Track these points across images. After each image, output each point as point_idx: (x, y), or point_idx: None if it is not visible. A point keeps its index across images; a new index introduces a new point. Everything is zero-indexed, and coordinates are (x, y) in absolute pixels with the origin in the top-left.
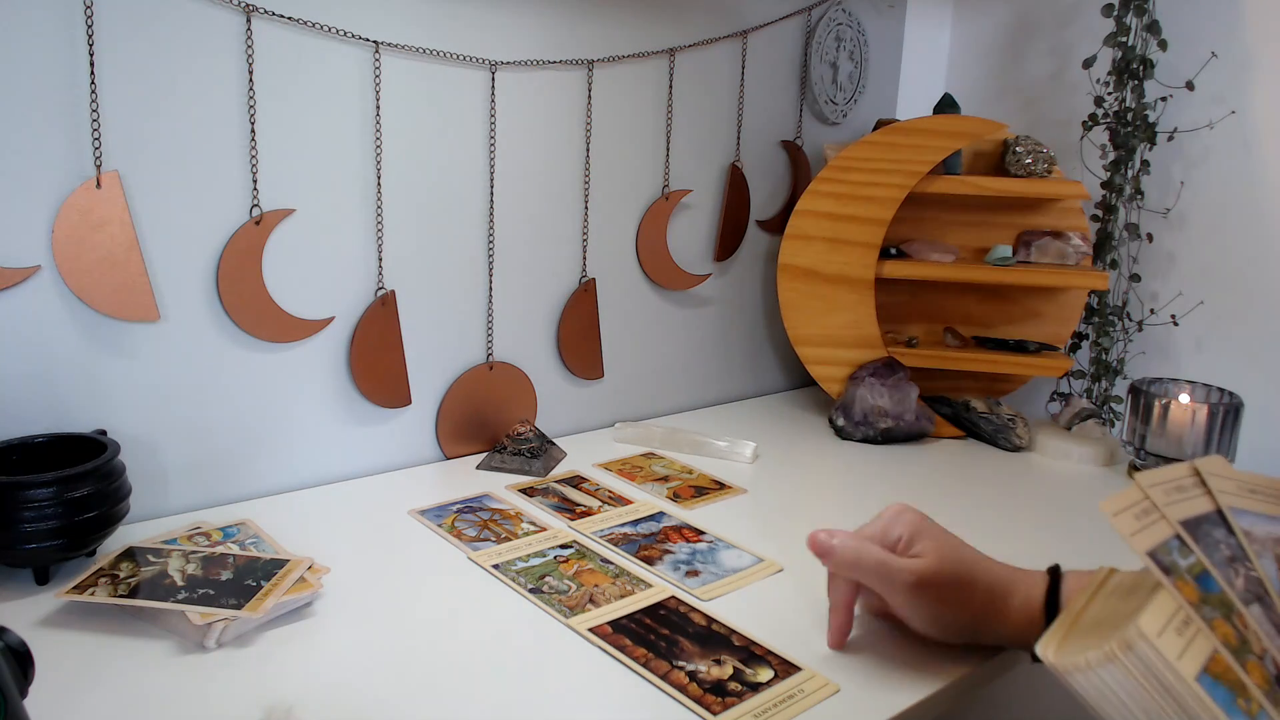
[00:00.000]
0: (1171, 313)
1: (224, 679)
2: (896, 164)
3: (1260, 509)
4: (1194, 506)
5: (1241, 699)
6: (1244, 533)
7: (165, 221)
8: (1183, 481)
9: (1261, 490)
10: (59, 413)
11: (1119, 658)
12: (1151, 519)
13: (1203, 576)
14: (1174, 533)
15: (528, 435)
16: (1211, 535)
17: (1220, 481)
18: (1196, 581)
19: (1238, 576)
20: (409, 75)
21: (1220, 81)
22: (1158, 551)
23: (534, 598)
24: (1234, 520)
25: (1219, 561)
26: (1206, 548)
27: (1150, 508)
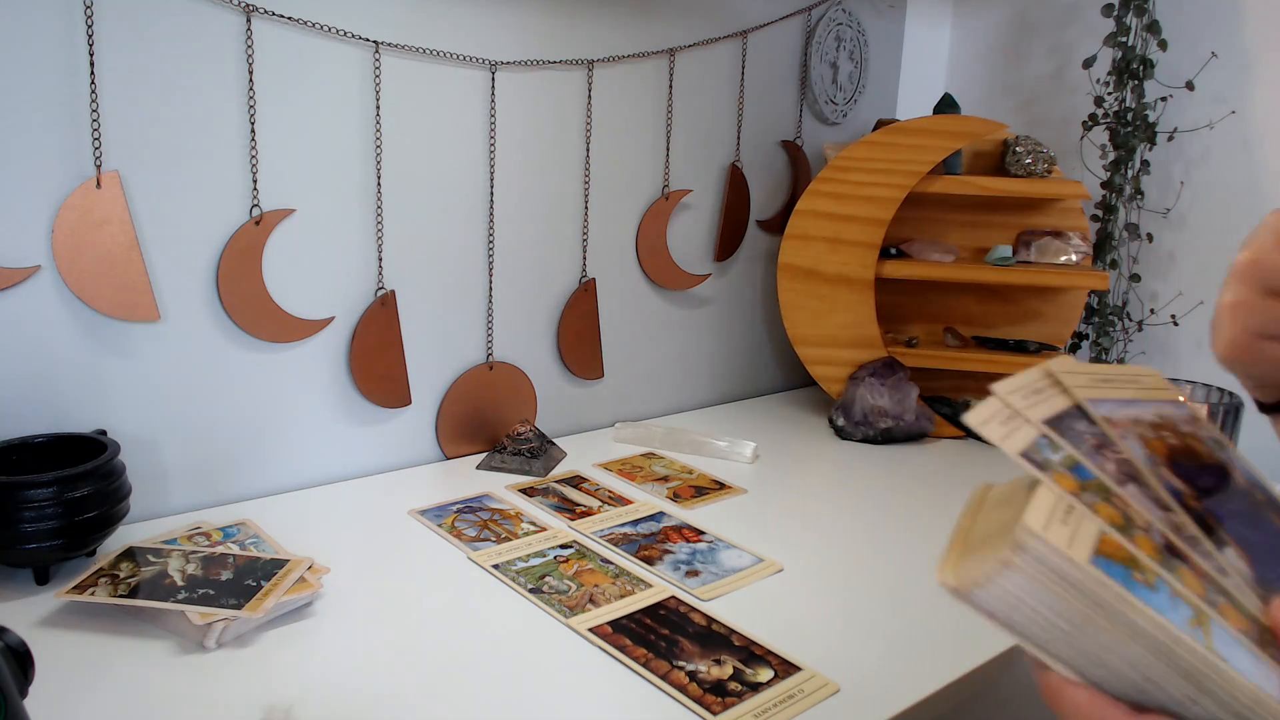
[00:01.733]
0: (1171, 313)
1: (224, 679)
2: (896, 164)
3: (1115, 395)
4: (1053, 405)
5: (1136, 572)
6: (1104, 419)
7: (165, 221)
8: (1037, 384)
9: (1114, 378)
10: (59, 413)
11: (1014, 561)
12: (1016, 424)
13: (1076, 467)
14: (1040, 432)
15: (528, 435)
16: (1075, 428)
17: (1073, 377)
18: (1072, 472)
19: (1108, 461)
20: (409, 75)
21: (1220, 81)
22: (1029, 451)
23: (534, 598)
24: (1093, 410)
25: (1087, 451)
26: (1073, 440)
27: (1012, 414)
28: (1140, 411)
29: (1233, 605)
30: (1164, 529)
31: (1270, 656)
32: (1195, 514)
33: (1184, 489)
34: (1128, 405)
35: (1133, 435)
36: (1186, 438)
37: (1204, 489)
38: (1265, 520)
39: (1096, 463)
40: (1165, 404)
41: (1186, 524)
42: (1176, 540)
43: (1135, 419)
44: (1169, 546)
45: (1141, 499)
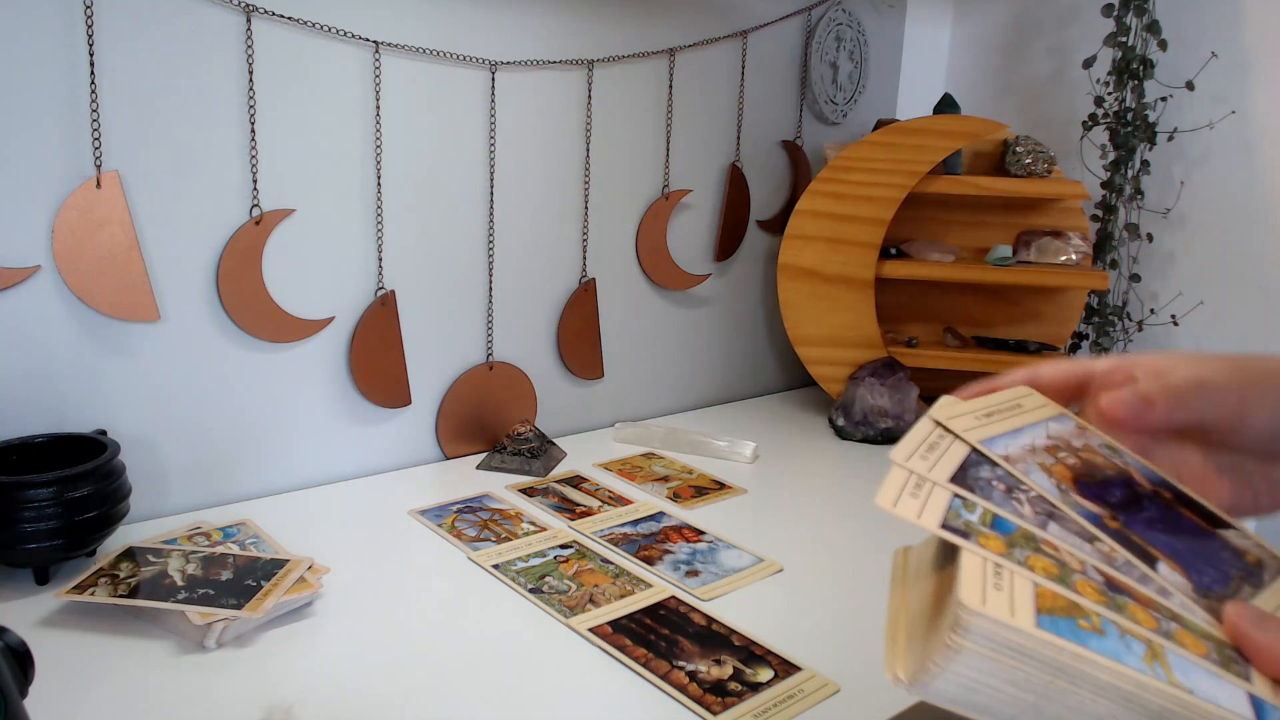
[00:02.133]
0: (1171, 313)
1: (224, 679)
2: (896, 164)
3: (1003, 428)
4: (952, 457)
5: (1082, 619)
6: (1003, 459)
7: (165, 221)
8: (930, 438)
9: (997, 410)
10: (59, 413)
11: (962, 644)
12: (925, 490)
13: (996, 522)
14: (950, 493)
15: (528, 435)
16: (980, 477)
17: (960, 421)
18: (994, 529)
19: (1022, 505)
20: (409, 75)
21: (1220, 81)
22: (948, 521)
23: (534, 598)
24: (989, 451)
25: (999, 499)
26: (982, 491)
27: (919, 481)
28: (1032, 438)
29: (1185, 629)
30: (1096, 564)
31: (1235, 674)
32: (1118, 535)
33: (1099, 511)
34: (1017, 435)
35: (1034, 466)
36: (1082, 453)
37: (1116, 504)
38: (1182, 520)
39: (1012, 510)
40: (1051, 421)
41: (1115, 549)
42: (1113, 573)
43: (1030, 447)
44: (1109, 583)
45: (1066, 536)
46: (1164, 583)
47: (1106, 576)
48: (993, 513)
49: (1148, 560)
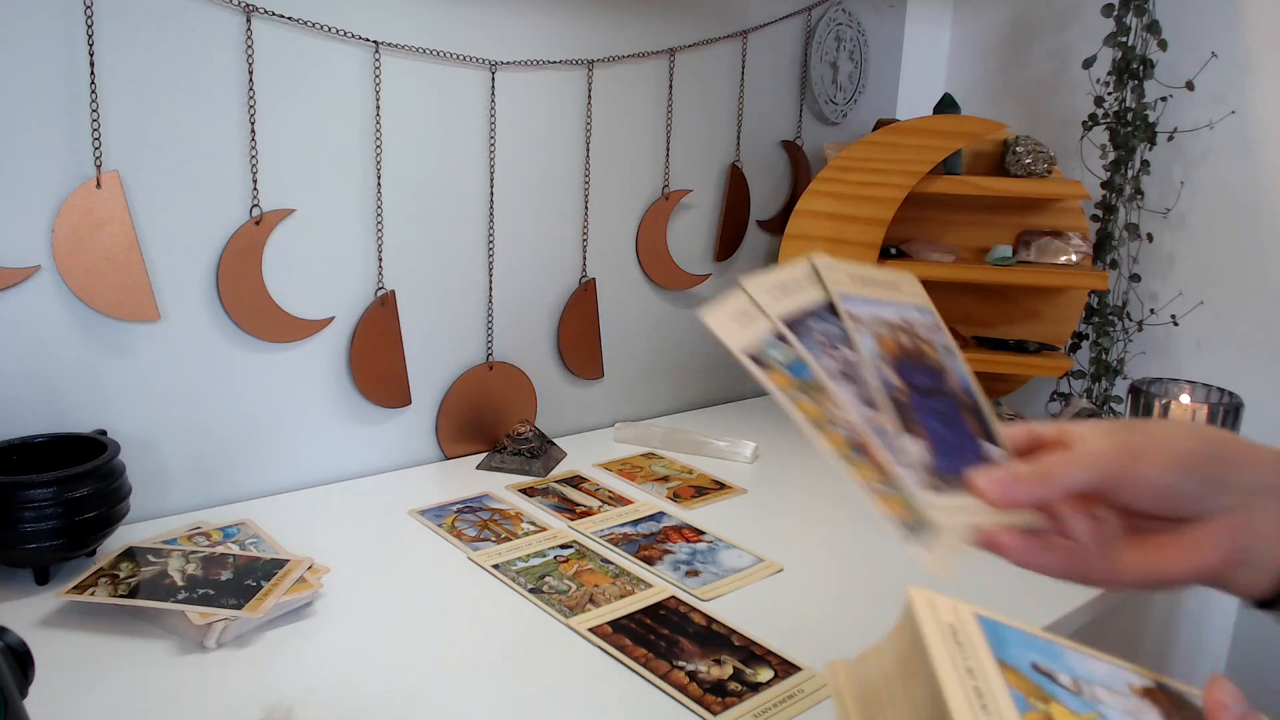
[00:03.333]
0: (1171, 313)
1: (224, 679)
2: (896, 164)
3: (870, 295)
4: (801, 300)
5: None
6: (849, 315)
7: (165, 221)
8: (795, 278)
9: (874, 280)
10: (59, 413)
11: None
12: (751, 320)
13: (795, 366)
14: (772, 330)
15: (528, 435)
16: (812, 327)
17: (833, 273)
18: (789, 370)
19: (832, 360)
20: (409, 75)
21: (1220, 81)
22: (753, 350)
23: (534, 598)
24: (841, 306)
25: (813, 348)
26: (804, 338)
27: (753, 311)
28: (888, 313)
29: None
30: (857, 426)
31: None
32: (900, 405)
33: (899, 385)
34: (878, 305)
35: (871, 334)
36: (920, 341)
37: (918, 387)
38: (960, 422)
39: (820, 362)
40: (914, 308)
41: (884, 419)
42: (866, 437)
43: (879, 318)
44: (855, 444)
45: (851, 397)
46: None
47: (858, 438)
48: (798, 358)
49: (913, 434)
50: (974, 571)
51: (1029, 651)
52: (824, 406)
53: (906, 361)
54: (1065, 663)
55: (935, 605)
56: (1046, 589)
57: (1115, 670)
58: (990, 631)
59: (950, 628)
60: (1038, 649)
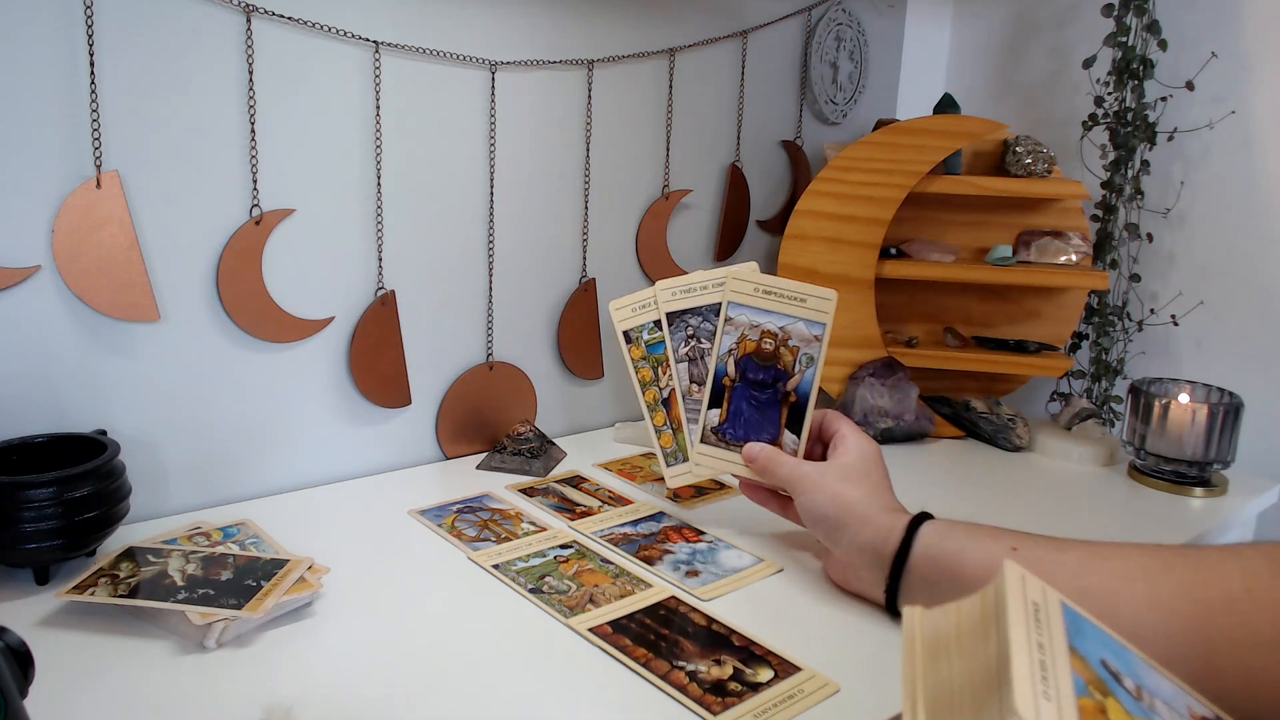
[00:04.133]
0: (1171, 313)
1: (224, 679)
2: (896, 164)
3: (763, 305)
4: (699, 301)
5: None
6: (726, 319)
7: (165, 221)
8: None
9: (780, 294)
10: (59, 413)
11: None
12: (645, 310)
13: (653, 345)
14: (656, 318)
15: (528, 435)
16: (687, 320)
17: (739, 284)
18: (646, 348)
19: (685, 345)
20: (409, 75)
21: (1220, 81)
22: (630, 328)
23: (534, 598)
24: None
25: (676, 336)
26: (675, 326)
27: (650, 304)
28: (769, 321)
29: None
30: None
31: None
32: (718, 389)
33: (730, 373)
34: (763, 314)
35: (738, 333)
36: (780, 348)
37: (749, 377)
38: (772, 412)
39: (675, 343)
40: (803, 322)
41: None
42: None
43: (755, 324)
44: (664, 401)
45: (684, 373)
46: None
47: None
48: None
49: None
50: None
51: (1103, 649)
52: (657, 374)
53: (752, 359)
54: (1134, 669)
55: (1025, 581)
56: None
57: (1179, 693)
58: (1071, 620)
59: (1034, 605)
60: (1112, 650)
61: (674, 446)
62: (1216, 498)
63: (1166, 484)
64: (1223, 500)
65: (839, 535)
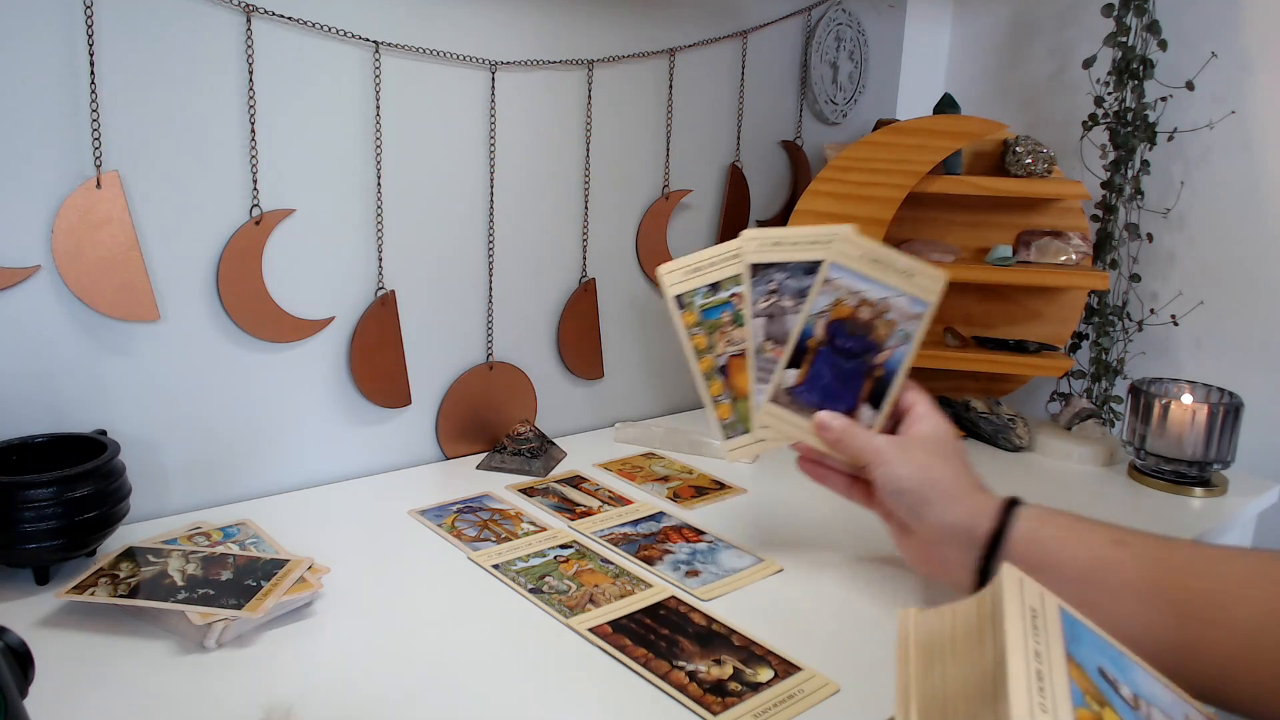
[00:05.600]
0: (1171, 313)
1: (224, 679)
2: (896, 164)
3: (866, 272)
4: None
5: None
6: (825, 279)
7: (165, 221)
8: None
9: (889, 264)
10: (59, 413)
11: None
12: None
13: (710, 310)
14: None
15: (528, 435)
16: (772, 275)
17: (846, 246)
18: (700, 313)
19: (764, 300)
20: (409, 75)
21: (1220, 81)
22: (683, 292)
23: (534, 598)
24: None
25: (758, 289)
26: (757, 282)
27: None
28: (871, 290)
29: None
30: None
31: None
32: (802, 350)
33: (820, 336)
34: (866, 282)
35: (833, 296)
36: (880, 320)
37: (838, 346)
38: (855, 383)
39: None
40: (906, 297)
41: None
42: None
43: (856, 290)
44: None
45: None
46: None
47: (730, 361)
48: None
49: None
50: None
51: (1100, 656)
52: (713, 341)
53: (844, 325)
54: (1132, 677)
55: (1024, 586)
56: None
57: (1177, 701)
58: (1069, 626)
59: (1032, 610)
60: (1109, 657)
61: (733, 417)
62: (1216, 498)
63: (1166, 484)
64: (1223, 500)
65: (924, 511)
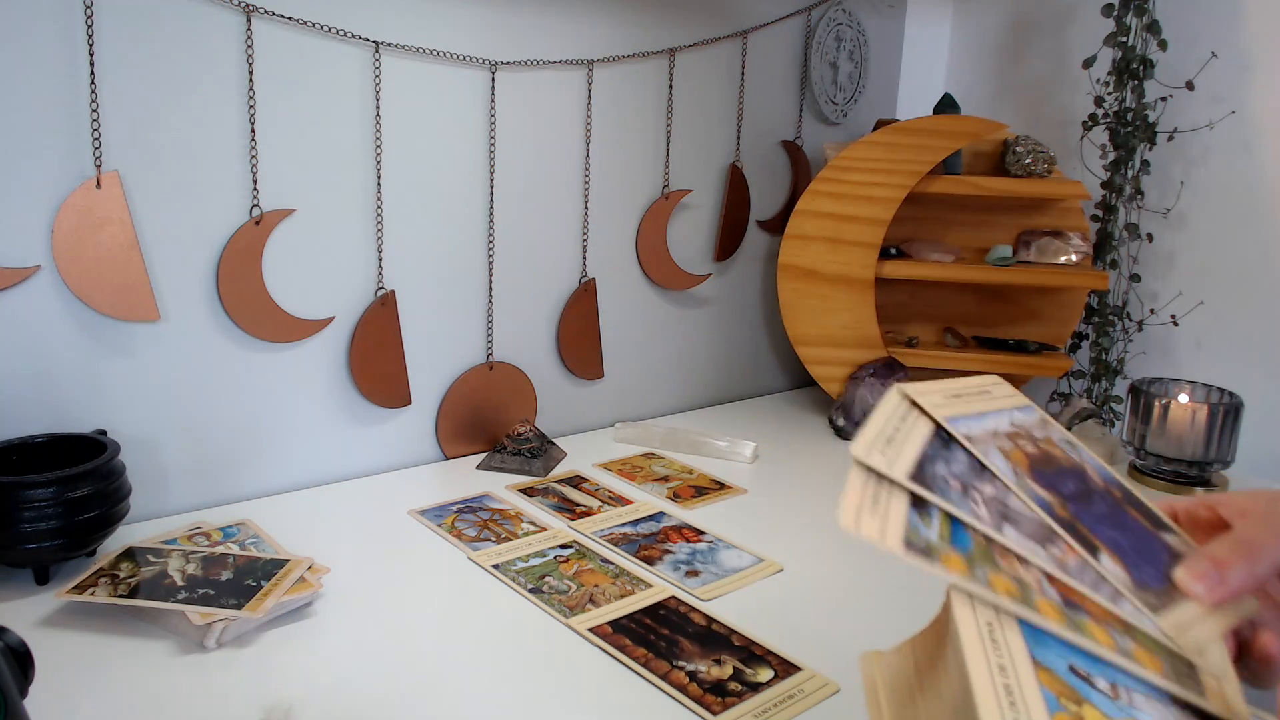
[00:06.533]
0: (1171, 313)
1: (224, 679)
2: (896, 164)
3: (970, 410)
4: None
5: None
6: (965, 438)
7: (165, 221)
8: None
9: (964, 393)
10: (59, 413)
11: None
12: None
13: (955, 535)
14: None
15: (528, 435)
16: (937, 474)
17: (928, 399)
18: (954, 546)
19: (979, 506)
20: (409, 75)
21: (1220, 81)
22: (910, 538)
23: (534, 598)
24: (953, 429)
25: (956, 500)
26: (940, 490)
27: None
28: (996, 423)
29: (1140, 645)
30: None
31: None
32: (1066, 524)
33: (1050, 499)
34: (982, 418)
35: (994, 449)
36: (1042, 443)
37: (1067, 495)
38: (1128, 519)
39: (969, 512)
40: (1016, 411)
41: (1068, 550)
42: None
43: (993, 431)
44: (1066, 600)
45: (1021, 540)
46: (1105, 572)
47: (1063, 590)
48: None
49: (1091, 550)
50: None
51: (1069, 654)
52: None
53: (1041, 469)
54: (1104, 669)
55: (974, 602)
56: None
57: (1155, 679)
58: (1029, 632)
59: (988, 624)
60: (1078, 653)
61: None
62: None
63: (1166, 484)
64: None
65: None
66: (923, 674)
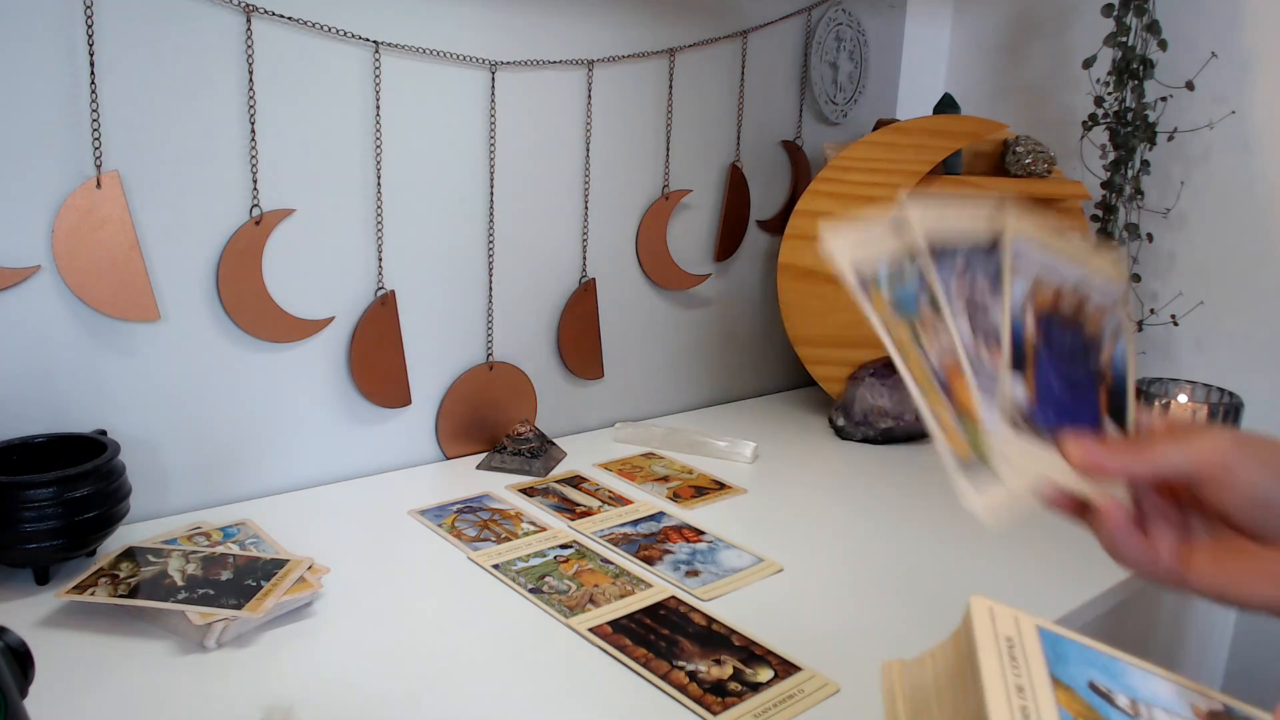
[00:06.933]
0: (1171, 313)
1: (224, 679)
2: (896, 164)
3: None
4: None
5: None
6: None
7: (165, 221)
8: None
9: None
10: (59, 413)
11: None
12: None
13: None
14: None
15: (528, 435)
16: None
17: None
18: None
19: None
20: (409, 75)
21: (1220, 81)
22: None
23: (534, 598)
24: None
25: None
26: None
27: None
28: (1068, 273)
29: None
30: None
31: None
32: (1020, 352)
33: (1032, 334)
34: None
35: (1027, 279)
36: (1083, 309)
37: (1055, 346)
38: (1089, 394)
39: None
40: (1099, 280)
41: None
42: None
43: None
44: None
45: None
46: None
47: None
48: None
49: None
50: (990, 561)
51: (1089, 669)
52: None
53: (1055, 319)
54: (1126, 682)
55: (994, 616)
56: (1059, 579)
57: (1181, 692)
58: (1050, 646)
59: (1007, 641)
60: (1099, 666)
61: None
62: None
63: None
64: None
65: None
66: (941, 687)
